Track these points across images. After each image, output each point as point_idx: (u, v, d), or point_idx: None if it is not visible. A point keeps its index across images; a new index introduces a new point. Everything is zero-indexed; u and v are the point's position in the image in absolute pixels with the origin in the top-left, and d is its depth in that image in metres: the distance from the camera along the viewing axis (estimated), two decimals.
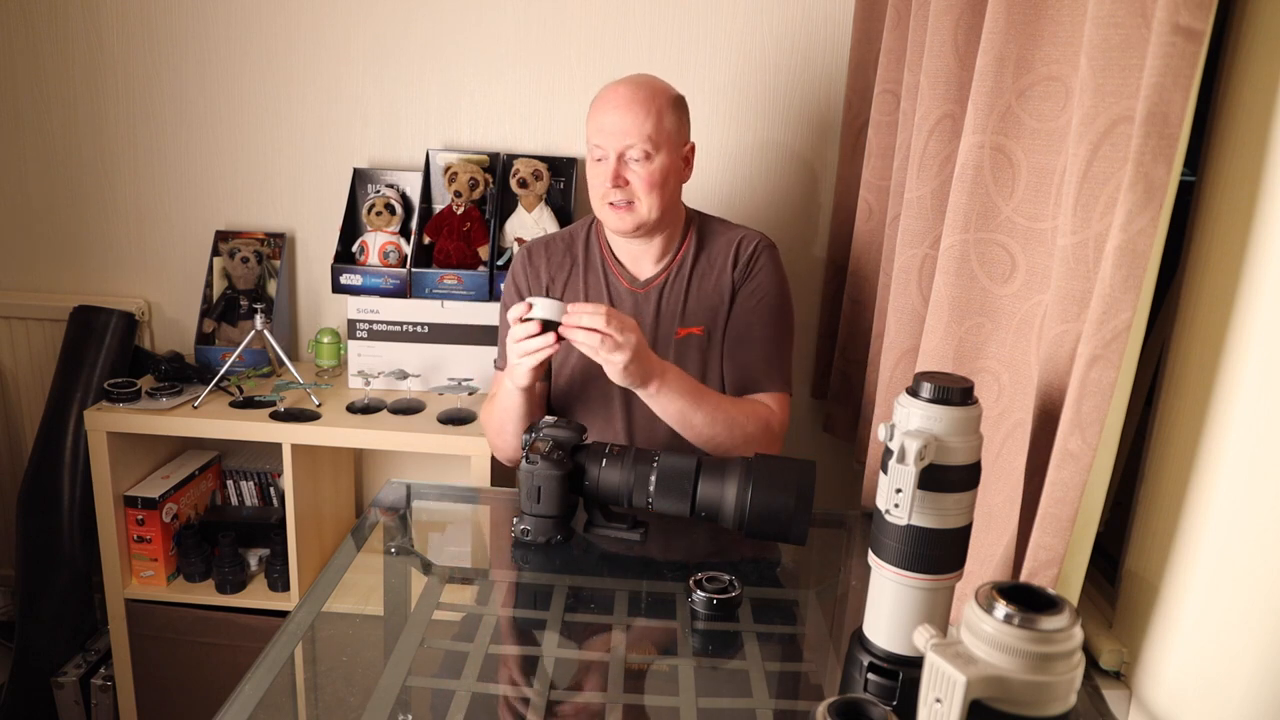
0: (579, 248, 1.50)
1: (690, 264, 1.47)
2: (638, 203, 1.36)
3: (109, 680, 1.94)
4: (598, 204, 1.39)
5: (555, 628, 1.05)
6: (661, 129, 1.36)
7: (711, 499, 1.15)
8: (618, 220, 1.38)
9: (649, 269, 1.47)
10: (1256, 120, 0.82)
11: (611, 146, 1.35)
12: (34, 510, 1.92)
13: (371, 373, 1.89)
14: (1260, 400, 0.80)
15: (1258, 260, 0.81)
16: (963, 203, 1.07)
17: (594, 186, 1.39)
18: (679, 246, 1.48)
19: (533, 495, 1.16)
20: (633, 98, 1.35)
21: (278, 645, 0.99)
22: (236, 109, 2.02)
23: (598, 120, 1.36)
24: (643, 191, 1.36)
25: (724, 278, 1.46)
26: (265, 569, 1.91)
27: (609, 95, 1.37)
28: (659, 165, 1.36)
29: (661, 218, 1.40)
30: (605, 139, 1.35)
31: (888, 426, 0.79)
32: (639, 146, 1.34)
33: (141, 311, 2.09)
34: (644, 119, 1.34)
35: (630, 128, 1.34)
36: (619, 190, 1.35)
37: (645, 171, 1.35)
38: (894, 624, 0.82)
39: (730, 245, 1.47)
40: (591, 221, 1.52)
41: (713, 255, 1.47)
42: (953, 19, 1.18)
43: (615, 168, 1.35)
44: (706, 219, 1.52)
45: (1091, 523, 0.92)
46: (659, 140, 1.36)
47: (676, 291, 1.46)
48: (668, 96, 1.39)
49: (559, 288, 1.48)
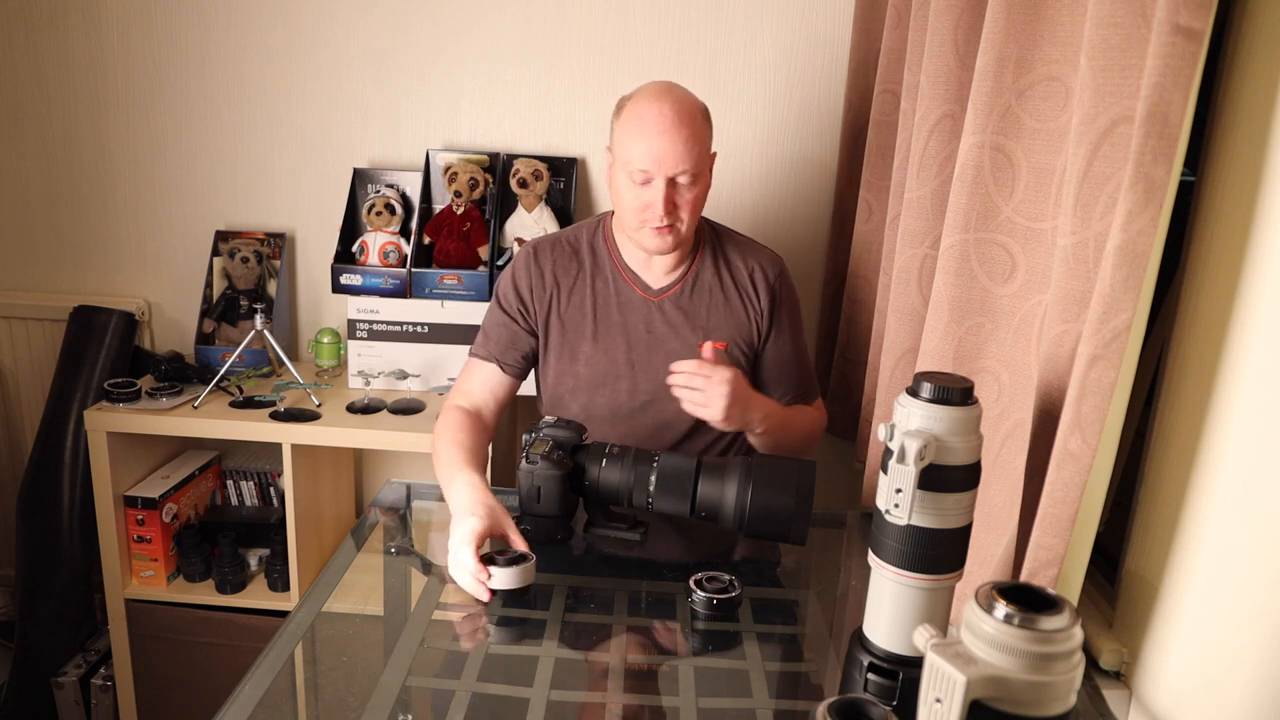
0: (586, 252, 1.47)
1: (706, 277, 1.46)
2: (680, 224, 1.35)
3: (109, 680, 1.94)
4: (635, 223, 1.35)
5: (555, 628, 1.05)
6: (706, 151, 1.36)
7: (711, 499, 1.15)
8: (660, 242, 1.35)
9: (662, 278, 1.45)
10: (1256, 120, 0.82)
11: (662, 173, 1.30)
12: (34, 510, 1.92)
13: (371, 373, 1.89)
14: (1260, 400, 0.80)
15: (1258, 260, 0.81)
16: (963, 203, 1.07)
17: (634, 208, 1.34)
18: (693, 257, 1.46)
19: (533, 495, 1.16)
20: (679, 120, 1.30)
21: (278, 645, 0.99)
22: (236, 109, 2.02)
23: (644, 143, 1.30)
24: (687, 214, 1.35)
25: (745, 303, 1.46)
26: (265, 569, 1.91)
27: (655, 116, 1.30)
28: (702, 186, 1.36)
29: (690, 234, 1.40)
30: (655, 165, 1.30)
31: (888, 426, 0.79)
32: (690, 172, 1.31)
33: (141, 311, 2.09)
34: (693, 144, 1.31)
35: (683, 154, 1.30)
36: (669, 215, 1.33)
37: (692, 195, 1.34)
38: (894, 624, 0.82)
39: (753, 269, 1.47)
40: (599, 225, 1.49)
41: (732, 274, 1.46)
42: (953, 19, 1.18)
43: (668, 193, 1.31)
44: (719, 231, 1.51)
45: (1091, 523, 0.92)
46: (704, 162, 1.35)
47: (694, 303, 1.44)
48: (703, 113, 1.36)
49: (565, 292, 1.45)
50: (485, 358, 1.46)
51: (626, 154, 1.32)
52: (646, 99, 1.33)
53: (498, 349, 1.45)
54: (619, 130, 1.35)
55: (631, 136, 1.32)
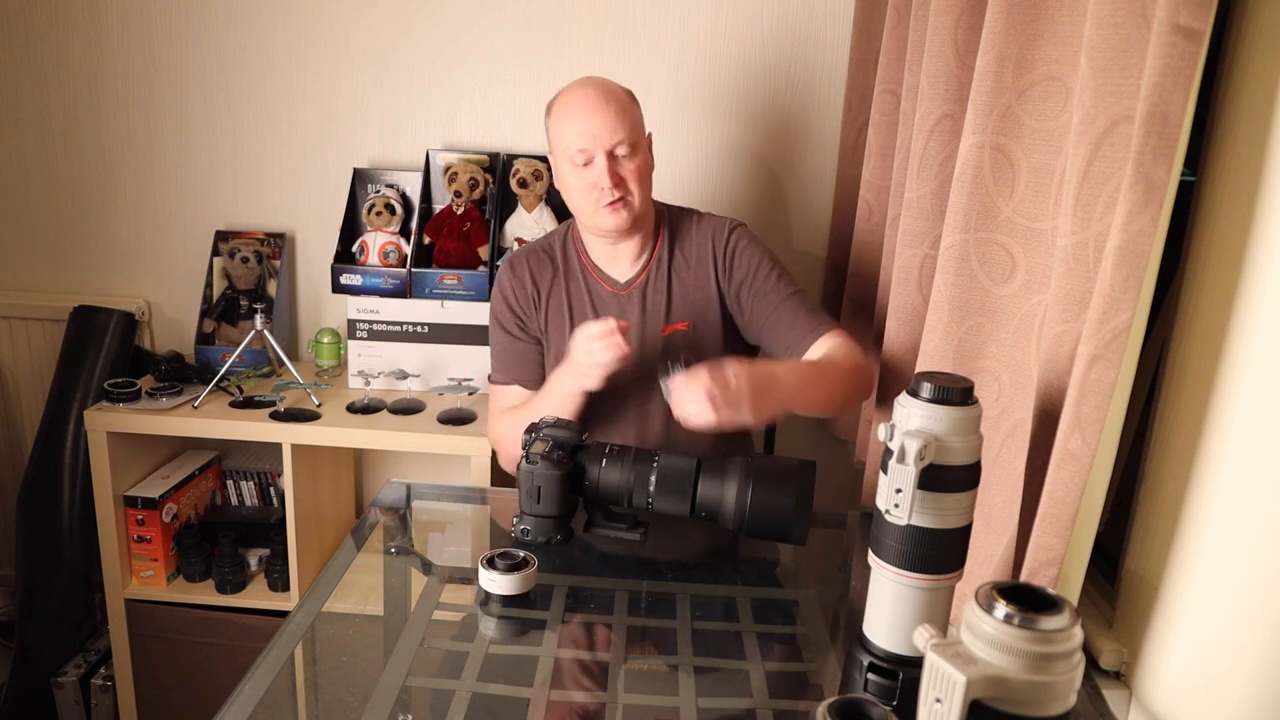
0: (559, 256, 1.50)
1: (668, 260, 1.48)
2: (630, 197, 1.38)
3: (109, 680, 1.94)
4: (590, 207, 1.39)
5: (555, 628, 1.05)
6: (637, 125, 1.41)
7: (711, 499, 1.15)
8: (616, 219, 1.38)
9: (628, 270, 1.47)
10: (1256, 120, 0.82)
11: (600, 147, 1.35)
12: (34, 510, 1.92)
13: (371, 373, 1.89)
14: (1260, 400, 0.80)
15: (1258, 260, 0.81)
16: (963, 203, 1.07)
17: (582, 191, 1.38)
18: (654, 243, 1.48)
19: (533, 495, 1.16)
20: (605, 97, 1.37)
21: (278, 645, 0.99)
22: (236, 109, 2.02)
23: (578, 124, 1.36)
24: (635, 185, 1.38)
25: (706, 274, 1.47)
26: (265, 569, 1.91)
27: (580, 99, 1.37)
28: (643, 159, 1.40)
29: (645, 211, 1.43)
30: (591, 141, 1.35)
31: (888, 426, 0.79)
32: (626, 142, 1.36)
33: (141, 311, 2.09)
34: (623, 116, 1.37)
35: (615, 126, 1.35)
36: (618, 188, 1.36)
37: (634, 166, 1.38)
38: (894, 624, 0.82)
39: (705, 240, 1.48)
40: (567, 230, 1.53)
41: (689, 251, 1.48)
42: (953, 19, 1.18)
43: (611, 166, 1.36)
44: (675, 212, 1.53)
45: (1091, 523, 0.92)
46: (638, 135, 1.40)
47: (659, 289, 1.46)
48: (627, 93, 1.42)
49: (544, 297, 1.48)
50: (505, 381, 1.49)
51: (564, 141, 1.38)
52: (570, 89, 1.41)
53: (515, 370, 1.48)
54: (553, 126, 1.41)
55: (564, 122, 1.38)
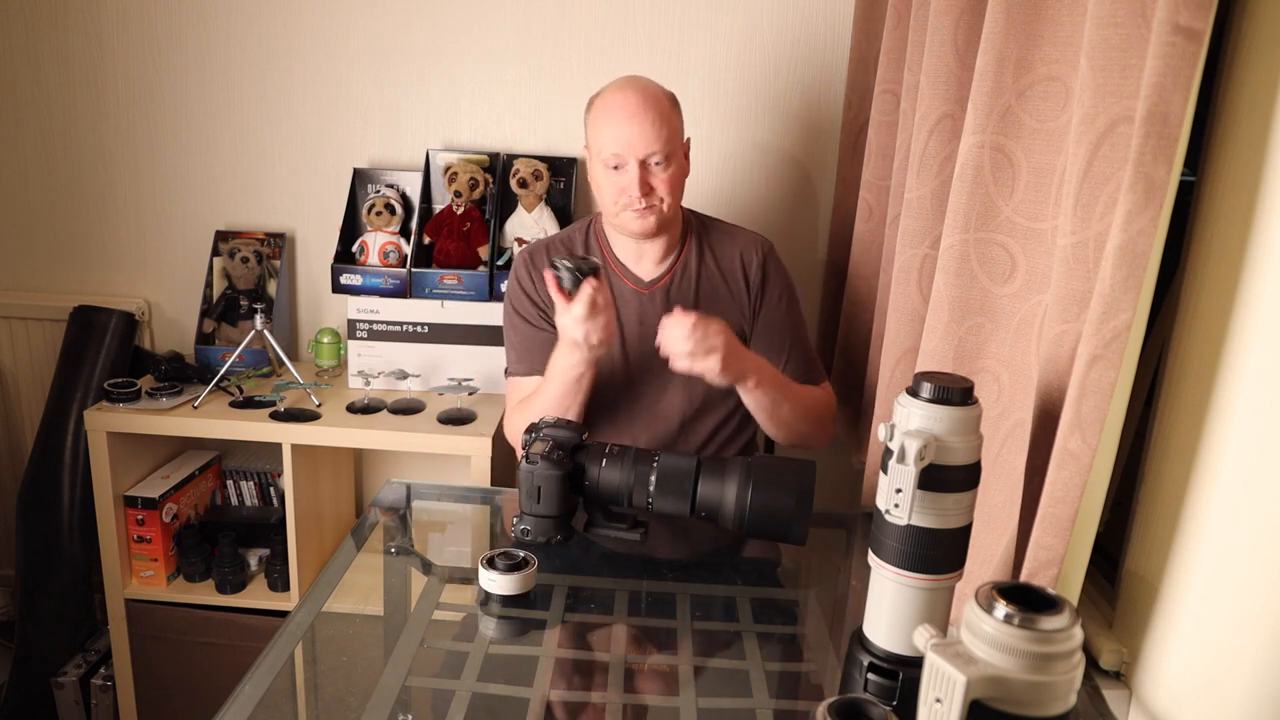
0: (579, 249, 1.50)
1: (695, 265, 1.48)
2: (659, 204, 1.39)
3: (109, 680, 1.94)
4: (615, 210, 1.40)
5: (555, 627, 1.05)
6: (675, 133, 1.40)
7: (711, 499, 1.15)
8: (642, 223, 1.39)
9: (652, 269, 1.48)
10: (1256, 120, 0.82)
11: (634, 155, 1.36)
12: (34, 510, 1.92)
13: (371, 373, 1.89)
14: (1260, 400, 0.80)
15: (1258, 260, 0.81)
16: (963, 203, 1.07)
17: (611, 194, 1.39)
18: (681, 246, 1.49)
19: (533, 495, 1.16)
20: (644, 104, 1.36)
21: (278, 645, 0.99)
22: (236, 109, 2.02)
23: (614, 130, 1.36)
24: (666, 194, 1.39)
25: (737, 288, 1.48)
26: (265, 569, 1.91)
27: (620, 103, 1.37)
28: (676, 167, 1.40)
29: (673, 215, 1.43)
30: (626, 148, 1.35)
31: (888, 426, 0.79)
32: (660, 153, 1.36)
33: (141, 311, 2.09)
34: (661, 125, 1.36)
35: (652, 136, 1.35)
36: (647, 197, 1.37)
37: (667, 176, 1.38)
38: (894, 624, 0.82)
39: (736, 254, 1.49)
40: (589, 224, 1.53)
41: (720, 261, 1.49)
42: (953, 19, 1.18)
43: (642, 175, 1.36)
44: (704, 220, 1.54)
45: (1091, 523, 0.92)
46: (675, 144, 1.39)
47: (684, 292, 1.47)
48: (670, 98, 1.41)
49: None
50: (525, 373, 1.48)
51: (599, 142, 1.39)
52: (613, 89, 1.41)
53: (537, 360, 1.45)
54: (591, 123, 1.41)
55: (601, 125, 1.39)
